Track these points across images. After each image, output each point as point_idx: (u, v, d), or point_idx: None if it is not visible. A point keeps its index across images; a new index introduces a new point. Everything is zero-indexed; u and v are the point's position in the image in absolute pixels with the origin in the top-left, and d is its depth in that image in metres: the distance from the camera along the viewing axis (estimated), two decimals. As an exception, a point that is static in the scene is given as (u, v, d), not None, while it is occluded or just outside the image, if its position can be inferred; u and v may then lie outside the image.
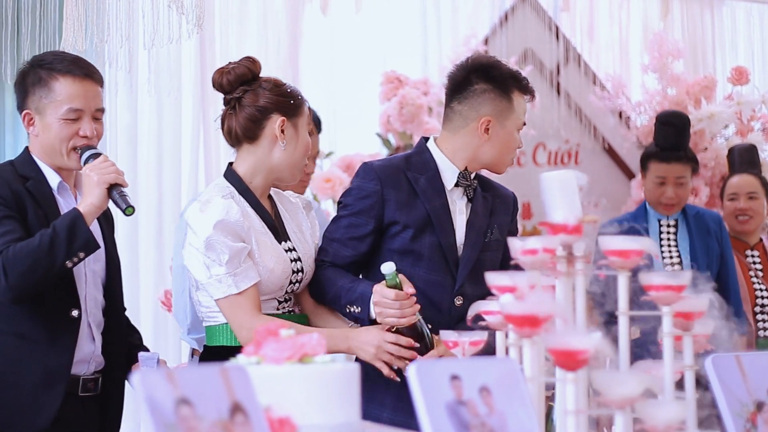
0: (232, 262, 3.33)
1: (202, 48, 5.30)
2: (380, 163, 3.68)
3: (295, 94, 3.54)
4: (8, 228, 3.28)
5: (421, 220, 3.54)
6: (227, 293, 3.35)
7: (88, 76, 3.45)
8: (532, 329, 2.26)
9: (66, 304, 3.37)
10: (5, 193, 3.34)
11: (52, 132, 3.41)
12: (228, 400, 1.89)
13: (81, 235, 3.25)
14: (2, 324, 3.36)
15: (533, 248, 2.41)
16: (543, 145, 6.37)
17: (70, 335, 3.37)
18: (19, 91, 3.49)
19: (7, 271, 3.22)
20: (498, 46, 6.13)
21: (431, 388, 2.07)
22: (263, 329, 2.18)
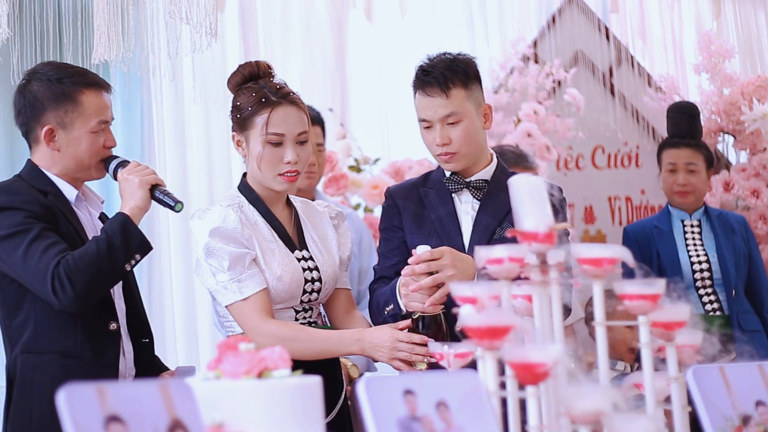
0: (234, 268, 3.36)
1: (246, 54, 5.34)
2: (398, 184, 3.86)
3: (242, 107, 3.47)
4: (53, 239, 3.27)
5: (428, 230, 3.61)
6: (233, 300, 3.38)
7: (105, 88, 3.47)
8: (491, 341, 2.23)
9: (104, 317, 3.37)
10: (36, 208, 3.31)
11: (82, 146, 3.40)
12: (167, 417, 1.90)
13: (135, 237, 3.27)
14: (44, 344, 3.33)
15: (499, 257, 2.38)
16: (602, 147, 6.32)
17: (113, 348, 3.37)
18: (31, 107, 3.43)
19: (73, 280, 3.19)
20: (547, 48, 6.09)
21: (382, 403, 2.06)
22: (224, 343, 2.20)
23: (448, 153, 3.57)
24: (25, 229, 3.27)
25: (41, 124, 3.42)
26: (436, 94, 3.54)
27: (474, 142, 3.60)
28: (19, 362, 3.33)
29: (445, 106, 3.54)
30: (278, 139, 3.42)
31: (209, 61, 5.12)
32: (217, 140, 5.49)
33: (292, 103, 3.46)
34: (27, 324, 3.34)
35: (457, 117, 3.55)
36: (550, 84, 5.90)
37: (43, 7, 4.62)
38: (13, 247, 3.27)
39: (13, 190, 3.36)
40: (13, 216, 3.29)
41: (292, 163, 3.43)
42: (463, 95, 3.57)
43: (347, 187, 5.63)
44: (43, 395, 3.26)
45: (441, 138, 3.55)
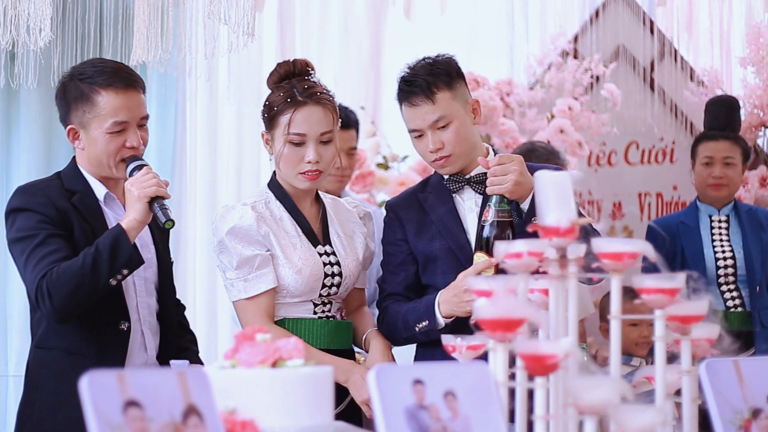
0: (242, 268, 3.47)
1: (283, 53, 5.42)
2: (397, 196, 3.88)
3: (270, 106, 3.55)
4: (53, 247, 3.30)
5: (431, 232, 3.63)
6: (238, 297, 3.51)
7: (130, 86, 3.44)
8: (504, 333, 2.29)
9: (115, 317, 3.40)
10: (50, 212, 3.34)
11: (99, 146, 3.41)
12: (182, 403, 1.99)
13: (123, 253, 3.26)
14: (52, 340, 3.38)
15: (518, 251, 2.44)
16: (636, 143, 6.32)
17: (120, 348, 3.40)
18: (60, 106, 3.49)
19: (52, 294, 3.23)
20: (587, 43, 6.10)
21: (390, 392, 2.13)
22: (241, 334, 2.29)
23: (442, 157, 3.58)
24: (32, 234, 3.31)
25: (66, 123, 3.47)
26: (422, 101, 3.56)
27: (466, 141, 3.61)
28: (32, 357, 3.43)
29: (432, 112, 3.55)
30: (300, 139, 3.50)
31: (245, 61, 5.20)
32: (248, 140, 5.57)
33: (318, 103, 3.51)
34: (42, 320, 3.40)
35: (446, 120, 3.56)
36: (587, 79, 5.92)
37: (86, 10, 4.72)
38: (20, 251, 3.34)
39: (32, 191, 3.41)
40: (28, 219, 3.34)
41: (313, 163, 3.50)
42: (449, 97, 3.58)
43: (374, 185, 5.68)
44: (46, 389, 3.36)
45: (433, 143, 3.56)
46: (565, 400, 2.29)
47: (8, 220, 3.40)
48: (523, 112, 5.80)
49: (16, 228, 3.36)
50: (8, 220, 3.40)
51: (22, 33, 3.95)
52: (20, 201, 3.39)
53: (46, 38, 3.91)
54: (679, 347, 2.58)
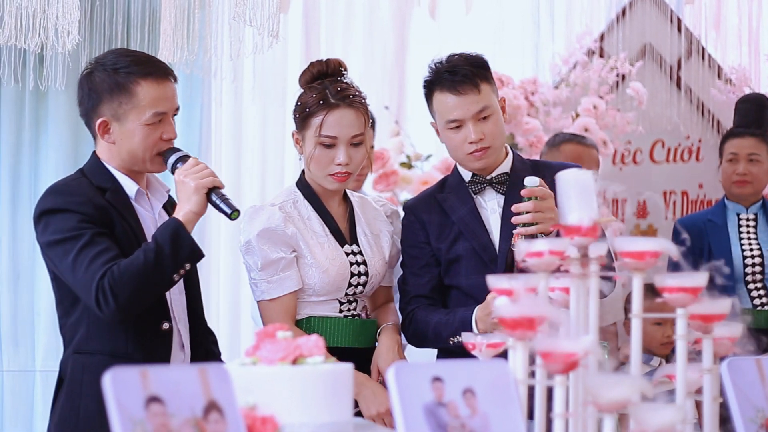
0: (266, 270, 3.50)
1: (307, 54, 5.45)
2: (415, 197, 3.88)
3: (302, 107, 3.55)
4: (103, 246, 3.16)
5: (453, 234, 3.64)
6: (261, 298, 3.54)
7: (168, 76, 3.33)
8: (524, 331, 2.30)
9: (157, 317, 3.29)
10: (90, 211, 3.20)
11: (136, 138, 3.28)
12: (203, 399, 2.01)
13: (185, 246, 3.17)
14: (93, 344, 3.26)
15: (539, 250, 2.45)
16: (662, 141, 6.31)
17: (164, 348, 3.31)
18: (88, 98, 3.33)
19: (117, 293, 3.10)
20: (614, 42, 6.10)
21: (410, 389, 2.14)
22: (262, 331, 2.31)
23: (482, 149, 3.57)
24: (76, 234, 3.17)
25: (97, 115, 3.31)
26: (469, 91, 3.56)
27: (503, 135, 3.65)
28: (71, 362, 3.28)
29: (477, 102, 3.56)
30: (331, 141, 3.51)
31: (270, 62, 5.24)
32: (273, 141, 5.61)
33: (350, 105, 3.53)
34: (80, 324, 3.27)
35: (489, 111, 3.58)
36: (613, 78, 5.92)
37: (113, 13, 4.76)
38: (63, 253, 3.18)
39: (68, 191, 3.27)
40: (67, 219, 3.19)
41: (343, 165, 3.52)
42: (489, 90, 3.60)
43: (397, 184, 5.70)
44: (91, 395, 3.19)
45: (476, 134, 3.55)
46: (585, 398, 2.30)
47: (40, 222, 3.25)
48: (548, 111, 5.80)
49: (54, 230, 3.20)
50: (40, 223, 3.25)
51: (50, 36, 3.99)
52: (55, 202, 3.24)
53: (74, 41, 3.94)
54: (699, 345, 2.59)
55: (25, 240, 5.50)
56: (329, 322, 3.56)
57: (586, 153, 5.07)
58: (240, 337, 5.66)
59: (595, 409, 2.21)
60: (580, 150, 5.05)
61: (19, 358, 5.51)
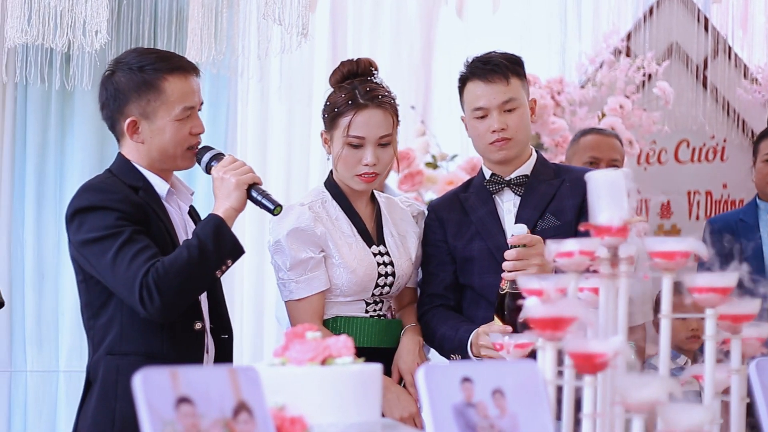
0: (295, 270, 3.51)
1: (334, 54, 5.46)
2: (439, 197, 3.93)
3: (331, 107, 3.55)
4: (143, 244, 3.13)
5: (470, 233, 3.66)
6: (289, 298, 3.55)
7: (193, 70, 3.32)
8: (553, 332, 2.30)
9: (190, 316, 3.26)
10: (127, 208, 3.17)
11: (166, 135, 3.25)
12: (233, 400, 2.02)
13: (228, 242, 3.15)
14: (127, 346, 3.21)
15: (570, 250, 2.45)
16: (687, 141, 6.28)
17: (198, 349, 3.28)
18: (113, 99, 3.29)
19: (162, 290, 3.07)
20: (640, 41, 6.08)
21: (439, 390, 2.14)
22: (291, 332, 2.32)
23: (503, 139, 3.60)
24: (115, 232, 3.13)
25: (124, 116, 3.27)
26: (498, 80, 3.60)
27: (527, 130, 3.67)
28: (103, 364, 3.23)
29: (504, 92, 3.60)
30: (358, 141, 3.52)
31: (297, 62, 5.24)
32: (299, 141, 5.62)
33: (379, 105, 3.53)
34: (112, 325, 3.23)
35: (515, 104, 3.61)
36: (639, 77, 5.90)
37: (140, 12, 4.78)
38: (101, 252, 3.14)
39: (105, 189, 3.22)
40: (104, 217, 3.16)
41: (370, 165, 3.52)
42: (519, 85, 3.65)
43: (422, 183, 5.69)
44: (126, 397, 3.07)
45: (498, 123, 3.59)
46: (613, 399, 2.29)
47: (74, 220, 3.21)
48: (574, 110, 5.79)
49: (90, 228, 3.17)
50: (74, 221, 3.21)
51: (78, 35, 4.00)
52: (91, 199, 3.20)
53: (102, 40, 3.95)
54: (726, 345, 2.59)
55: (49, 240, 5.53)
56: (355, 322, 3.57)
57: (604, 142, 5.02)
58: (263, 338, 5.67)
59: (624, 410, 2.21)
60: (598, 139, 5.01)
61: (43, 359, 5.54)
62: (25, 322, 5.51)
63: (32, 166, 5.53)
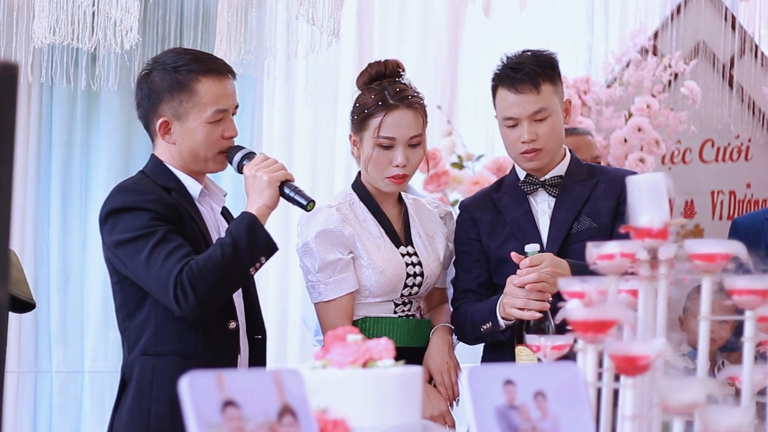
0: (323, 272, 3.51)
1: (360, 54, 5.45)
2: (471, 196, 3.91)
3: (360, 108, 3.55)
4: (177, 243, 3.14)
5: (505, 234, 3.65)
6: (318, 300, 3.56)
7: (228, 73, 3.32)
8: (595, 335, 2.30)
9: (225, 315, 3.26)
10: (161, 208, 3.18)
11: (197, 137, 3.26)
12: (277, 402, 2.01)
13: (261, 240, 3.16)
14: (162, 345, 3.23)
15: (611, 253, 2.44)
16: (711, 141, 6.26)
17: (232, 348, 3.29)
18: (147, 98, 3.30)
19: (196, 288, 3.08)
20: (667, 40, 6.05)
21: (483, 392, 2.14)
22: (332, 334, 2.31)
23: (534, 150, 3.57)
24: (148, 232, 3.15)
25: (157, 116, 3.28)
26: (528, 90, 3.55)
27: (558, 138, 3.63)
28: (138, 364, 3.24)
29: (535, 102, 3.56)
30: (389, 142, 3.52)
31: (323, 62, 5.24)
32: (324, 141, 5.62)
33: (409, 106, 3.54)
34: (147, 325, 3.24)
35: (545, 113, 3.57)
36: (667, 77, 5.87)
37: (167, 12, 4.78)
38: (135, 252, 3.16)
39: (138, 189, 3.24)
40: (138, 217, 3.17)
41: (401, 167, 3.53)
42: (551, 91, 3.59)
43: (448, 184, 5.68)
44: (162, 397, 3.20)
45: (528, 134, 3.55)
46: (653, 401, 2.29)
47: (108, 221, 3.23)
48: (600, 110, 5.77)
49: (123, 228, 3.18)
50: (108, 222, 3.23)
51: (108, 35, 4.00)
52: (124, 200, 3.21)
53: (132, 40, 3.94)
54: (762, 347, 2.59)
55: (75, 241, 5.53)
56: (384, 322, 3.58)
57: (582, 142, 5.02)
58: (287, 339, 5.66)
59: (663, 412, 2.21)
60: (577, 140, 5.00)
61: (68, 360, 5.55)
62: (50, 323, 5.52)
63: (57, 167, 5.54)
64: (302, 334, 5.49)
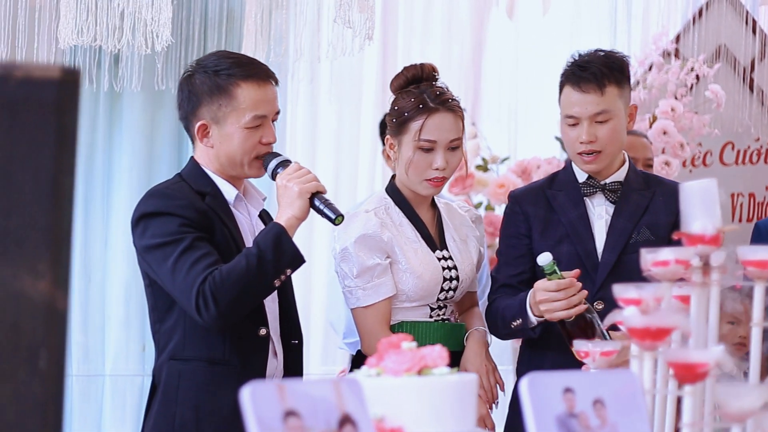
0: (362, 277, 3.48)
1: (384, 56, 5.43)
2: (522, 188, 3.85)
3: (400, 111, 3.51)
4: (204, 251, 3.13)
5: (559, 234, 3.60)
6: (355, 305, 3.52)
7: (269, 79, 3.29)
8: (653, 342, 2.28)
9: (254, 323, 3.25)
10: (191, 214, 3.17)
11: (234, 142, 3.23)
12: (338, 412, 1.99)
13: (288, 252, 3.13)
14: (191, 351, 3.22)
15: (665, 259, 2.43)
16: (731, 144, 6.24)
17: (261, 355, 3.26)
18: (188, 101, 3.29)
19: (218, 298, 3.06)
20: (689, 43, 6.02)
21: (542, 400, 2.12)
22: (386, 341, 2.28)
23: (592, 151, 3.54)
24: (177, 239, 3.14)
25: (196, 118, 3.27)
26: (592, 90, 3.51)
27: (619, 142, 3.59)
28: (166, 369, 3.24)
29: (597, 104, 3.52)
30: (430, 145, 3.50)
31: (346, 64, 5.21)
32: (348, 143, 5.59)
33: (450, 110, 3.52)
34: (176, 330, 3.24)
35: (607, 115, 3.53)
36: (691, 80, 5.84)
37: (191, 13, 4.75)
38: (163, 258, 3.15)
39: (169, 194, 3.23)
40: (167, 223, 3.16)
41: (440, 170, 3.50)
42: (616, 93, 3.55)
43: (473, 186, 5.64)
44: (187, 402, 3.20)
45: (587, 135, 3.52)
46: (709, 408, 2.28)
47: (139, 225, 3.22)
48: (620, 112, 5.73)
49: (153, 233, 3.17)
50: (139, 226, 3.22)
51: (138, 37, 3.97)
52: (156, 205, 3.21)
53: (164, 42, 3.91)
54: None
55: (96, 243, 5.50)
56: (420, 326, 3.56)
57: (637, 143, 4.91)
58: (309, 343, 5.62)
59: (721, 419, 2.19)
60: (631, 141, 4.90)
61: (89, 363, 5.52)
62: (72, 326, 5.48)
63: (79, 169, 5.48)
64: (325, 337, 5.45)
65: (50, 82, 1.72)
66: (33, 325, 1.71)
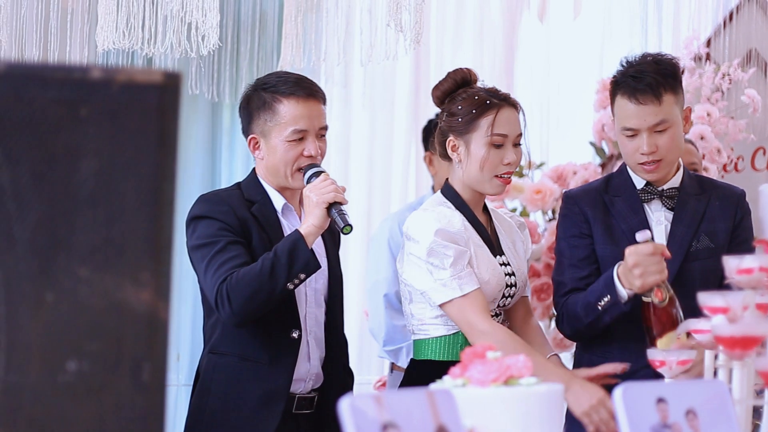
0: (456, 265, 3.36)
1: (417, 60, 5.39)
2: (577, 189, 3.77)
3: (464, 111, 3.46)
4: (233, 254, 3.34)
5: (619, 239, 3.52)
6: (452, 296, 3.35)
7: (311, 96, 3.47)
8: (743, 351, 2.24)
9: (287, 325, 3.44)
10: (231, 221, 3.39)
11: (278, 154, 3.45)
12: (433, 423, 1.95)
13: (301, 257, 3.28)
14: (227, 346, 3.44)
15: (749, 267, 2.39)
16: (763, 149, 6.19)
17: (290, 356, 3.43)
18: (244, 116, 3.54)
19: (231, 298, 3.27)
20: (720, 47, 5.98)
21: (636, 411, 2.08)
22: (470, 351, 2.24)
23: (654, 161, 3.49)
24: (213, 241, 3.36)
25: (250, 132, 3.52)
26: (649, 101, 3.44)
27: (678, 148, 3.54)
28: (205, 361, 3.48)
29: (656, 114, 3.45)
30: (501, 140, 3.45)
31: (379, 68, 5.16)
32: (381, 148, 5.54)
33: (513, 105, 3.51)
34: (216, 326, 3.46)
35: (666, 124, 3.47)
36: (726, 85, 5.79)
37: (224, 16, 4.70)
38: (201, 257, 3.38)
39: (214, 200, 3.46)
40: (209, 226, 3.39)
41: (512, 164, 3.46)
42: (673, 101, 3.49)
43: (509, 192, 5.57)
44: (218, 394, 3.43)
45: (648, 146, 3.46)
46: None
47: (189, 227, 3.45)
48: (658, 118, 5.68)
49: (197, 235, 3.41)
50: (189, 228, 3.45)
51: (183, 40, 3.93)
52: (202, 209, 3.44)
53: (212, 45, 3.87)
54: None
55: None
56: None
57: None
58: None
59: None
60: None
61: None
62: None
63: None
64: (360, 346, 5.38)
65: (153, 87, 1.69)
66: (136, 337, 1.67)
